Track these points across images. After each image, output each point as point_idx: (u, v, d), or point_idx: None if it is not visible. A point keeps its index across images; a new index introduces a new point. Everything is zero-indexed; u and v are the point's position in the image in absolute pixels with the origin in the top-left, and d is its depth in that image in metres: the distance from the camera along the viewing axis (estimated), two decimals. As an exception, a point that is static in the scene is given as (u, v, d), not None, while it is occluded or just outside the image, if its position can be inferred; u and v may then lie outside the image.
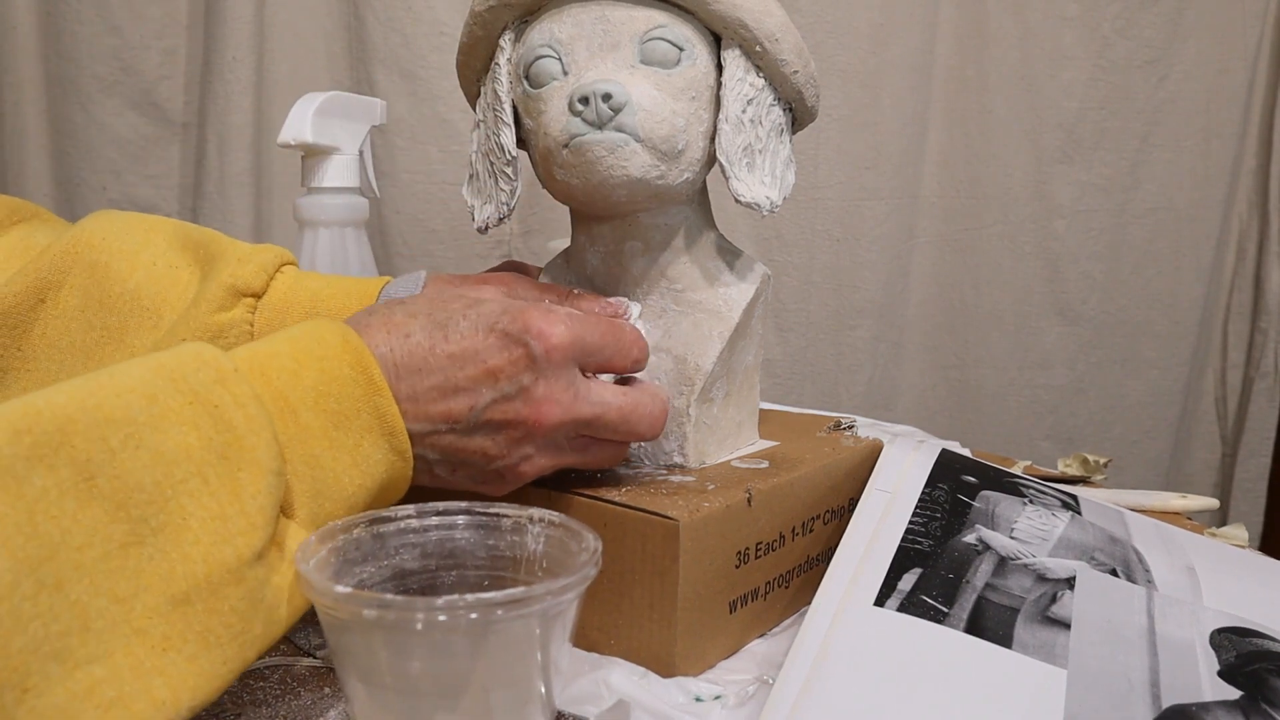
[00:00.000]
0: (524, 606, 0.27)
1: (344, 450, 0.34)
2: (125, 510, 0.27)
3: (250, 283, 0.47)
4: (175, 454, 0.29)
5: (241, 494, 0.30)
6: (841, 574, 0.41)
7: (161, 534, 0.28)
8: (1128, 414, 1.19)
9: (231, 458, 0.30)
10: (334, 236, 0.70)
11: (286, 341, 0.35)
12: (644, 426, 0.41)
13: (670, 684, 0.39)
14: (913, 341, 1.16)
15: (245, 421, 0.31)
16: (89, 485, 0.27)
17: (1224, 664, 0.39)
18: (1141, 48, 1.11)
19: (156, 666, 0.27)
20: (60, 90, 1.00)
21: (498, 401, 0.37)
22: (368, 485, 0.35)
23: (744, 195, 0.45)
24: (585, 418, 0.39)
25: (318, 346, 0.35)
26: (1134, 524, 0.51)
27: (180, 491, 0.29)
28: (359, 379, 0.35)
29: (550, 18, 0.45)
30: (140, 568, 0.27)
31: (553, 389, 0.38)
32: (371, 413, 0.35)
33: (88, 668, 0.26)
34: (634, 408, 0.41)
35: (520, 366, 0.38)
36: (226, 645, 0.29)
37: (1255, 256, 1.19)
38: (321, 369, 0.34)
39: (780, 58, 0.45)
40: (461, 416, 0.37)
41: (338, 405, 0.34)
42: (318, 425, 0.34)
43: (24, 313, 0.47)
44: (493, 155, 0.48)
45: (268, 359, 0.34)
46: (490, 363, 0.37)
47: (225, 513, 0.29)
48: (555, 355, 0.38)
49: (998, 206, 1.13)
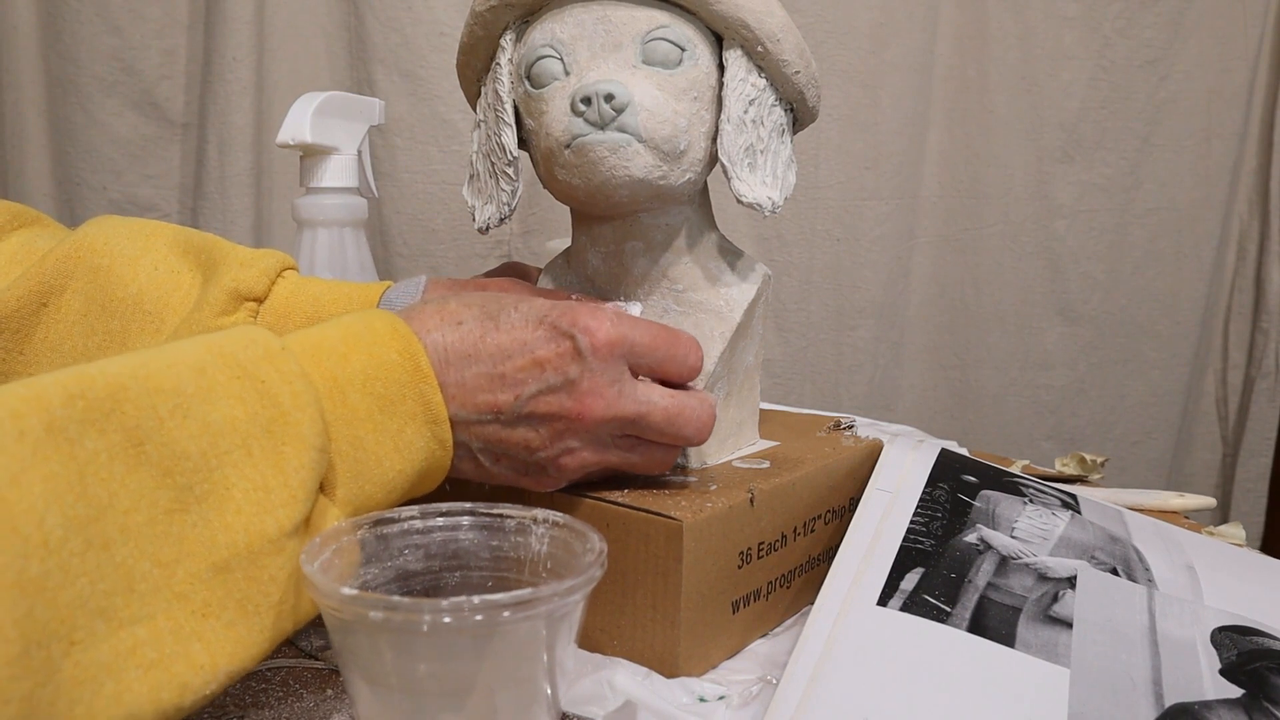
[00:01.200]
0: (530, 608, 0.27)
1: (387, 435, 0.35)
2: (171, 477, 0.28)
3: (252, 288, 0.47)
4: (221, 425, 0.29)
5: (285, 467, 0.30)
6: (844, 574, 0.41)
7: (205, 502, 0.28)
8: (1129, 414, 1.19)
9: (276, 432, 0.30)
10: (333, 236, 0.70)
11: (336, 327, 0.36)
12: (690, 430, 0.41)
13: (674, 684, 0.39)
14: (913, 342, 1.16)
15: (291, 398, 0.31)
16: (138, 451, 0.27)
17: (1225, 662, 0.39)
18: (1142, 47, 1.11)
19: (196, 631, 0.28)
20: (60, 90, 1.00)
21: (543, 393, 0.38)
22: (407, 471, 0.36)
23: (746, 195, 0.45)
24: (629, 415, 0.39)
25: (367, 332, 0.36)
26: (1133, 523, 0.51)
27: (225, 462, 0.29)
28: (406, 365, 0.36)
29: (552, 18, 0.45)
30: (184, 534, 0.28)
31: (598, 383, 0.38)
32: (417, 399, 0.36)
33: (131, 628, 0.26)
34: (680, 410, 0.41)
35: (567, 359, 0.38)
36: (264, 614, 0.29)
37: (1256, 256, 1.19)
38: (370, 354, 0.35)
39: (782, 58, 0.45)
40: (506, 407, 0.38)
41: (384, 389, 0.35)
42: (364, 408, 0.34)
43: (26, 317, 0.47)
44: (494, 155, 0.48)
45: (318, 341, 0.35)
46: (538, 354, 0.38)
47: (268, 484, 0.30)
48: (602, 350, 0.38)
49: (998, 206, 1.13)
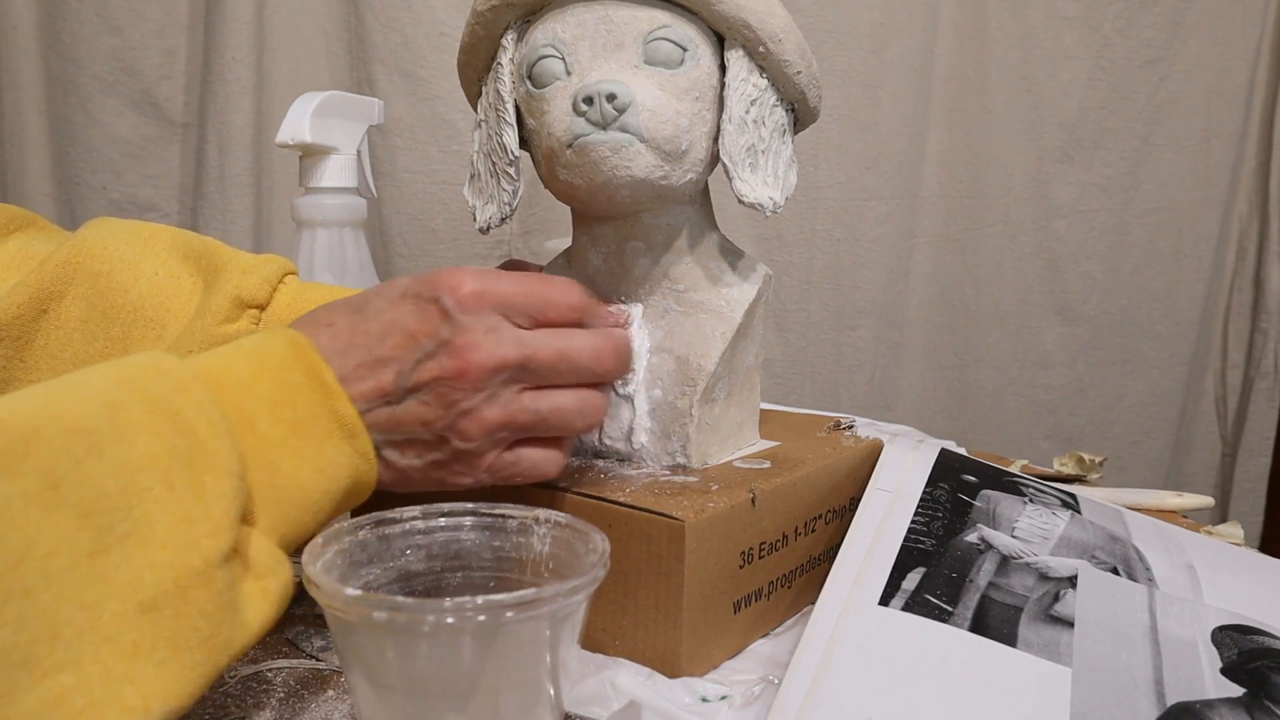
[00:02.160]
0: (534, 608, 0.27)
1: (305, 458, 0.34)
2: (90, 518, 0.27)
3: (254, 294, 0.47)
4: (139, 461, 0.29)
5: (206, 497, 0.30)
6: (845, 574, 0.41)
7: (127, 541, 0.28)
8: (1128, 414, 1.19)
9: (195, 463, 0.30)
10: (332, 237, 0.69)
11: (239, 355, 0.35)
12: (588, 359, 0.39)
13: (676, 684, 0.39)
14: (913, 341, 1.16)
15: (207, 427, 0.31)
16: (54, 494, 0.27)
17: (1226, 661, 0.39)
18: (1142, 47, 1.11)
19: (126, 673, 0.27)
20: (60, 90, 1.00)
21: (421, 361, 0.37)
22: (332, 491, 0.35)
23: (747, 196, 0.45)
24: (515, 359, 0.38)
25: (270, 357, 0.35)
26: (1133, 523, 0.51)
27: (145, 498, 0.28)
28: (314, 385, 0.35)
29: (553, 17, 0.45)
30: (107, 575, 0.27)
31: (472, 336, 0.37)
32: (330, 418, 0.35)
33: (57, 676, 0.26)
34: (569, 344, 0.39)
35: (436, 322, 0.37)
36: (196, 650, 0.29)
37: (1255, 256, 1.19)
38: (275, 379, 0.34)
39: (783, 58, 0.45)
40: (390, 386, 0.37)
41: (294, 413, 0.34)
42: (276, 434, 0.34)
43: (26, 324, 0.46)
44: (495, 155, 0.48)
45: (222, 372, 0.34)
46: (408, 327, 0.37)
47: (190, 516, 0.29)
48: (469, 304, 0.37)
49: (998, 206, 1.13)
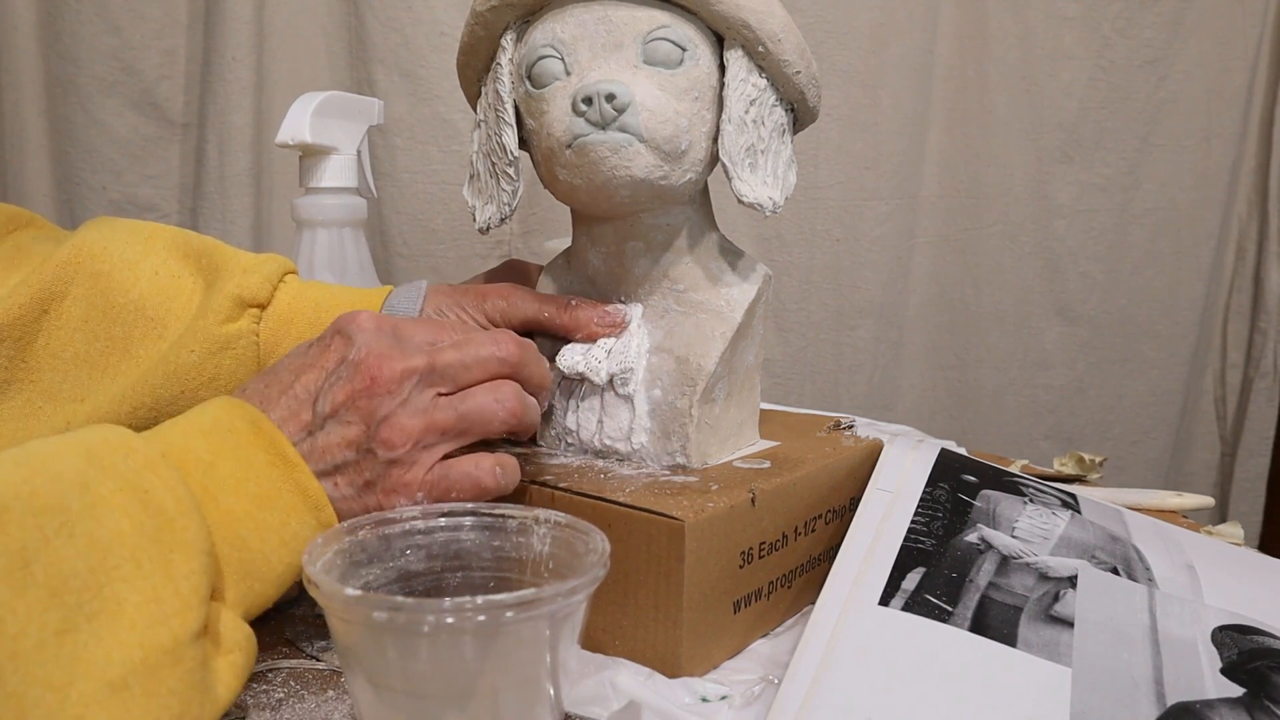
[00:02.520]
0: (534, 608, 0.27)
1: (271, 531, 0.35)
2: (59, 598, 0.27)
3: (256, 293, 0.47)
4: (109, 540, 0.29)
5: (174, 575, 0.30)
6: (845, 574, 0.41)
7: (96, 620, 0.28)
8: (1127, 414, 1.19)
9: (164, 541, 0.30)
10: (332, 237, 0.70)
11: (199, 435, 0.35)
12: (487, 348, 0.40)
13: (676, 684, 0.39)
14: (913, 341, 1.16)
15: (175, 504, 0.31)
16: (25, 573, 0.27)
17: (1226, 661, 0.39)
18: (1142, 47, 1.11)
19: None
20: (60, 90, 1.00)
21: (334, 384, 0.38)
22: (295, 564, 0.35)
23: (747, 196, 0.45)
24: (419, 365, 0.39)
25: (230, 436, 0.35)
26: (1133, 523, 0.51)
27: (114, 577, 0.28)
28: (276, 462, 0.36)
29: (552, 18, 0.45)
30: (76, 655, 0.27)
31: (375, 350, 0.39)
32: (294, 492, 0.36)
33: None
34: (468, 341, 0.40)
35: (339, 349, 0.39)
36: None
37: (1255, 256, 1.19)
38: (236, 457, 0.35)
39: (783, 58, 0.45)
40: (309, 418, 0.38)
41: (258, 489, 0.35)
42: (241, 509, 0.34)
43: (27, 324, 0.46)
44: (494, 155, 0.48)
45: (184, 451, 0.34)
46: (316, 362, 0.39)
47: (159, 595, 0.29)
48: (368, 327, 0.39)
49: (998, 206, 1.13)
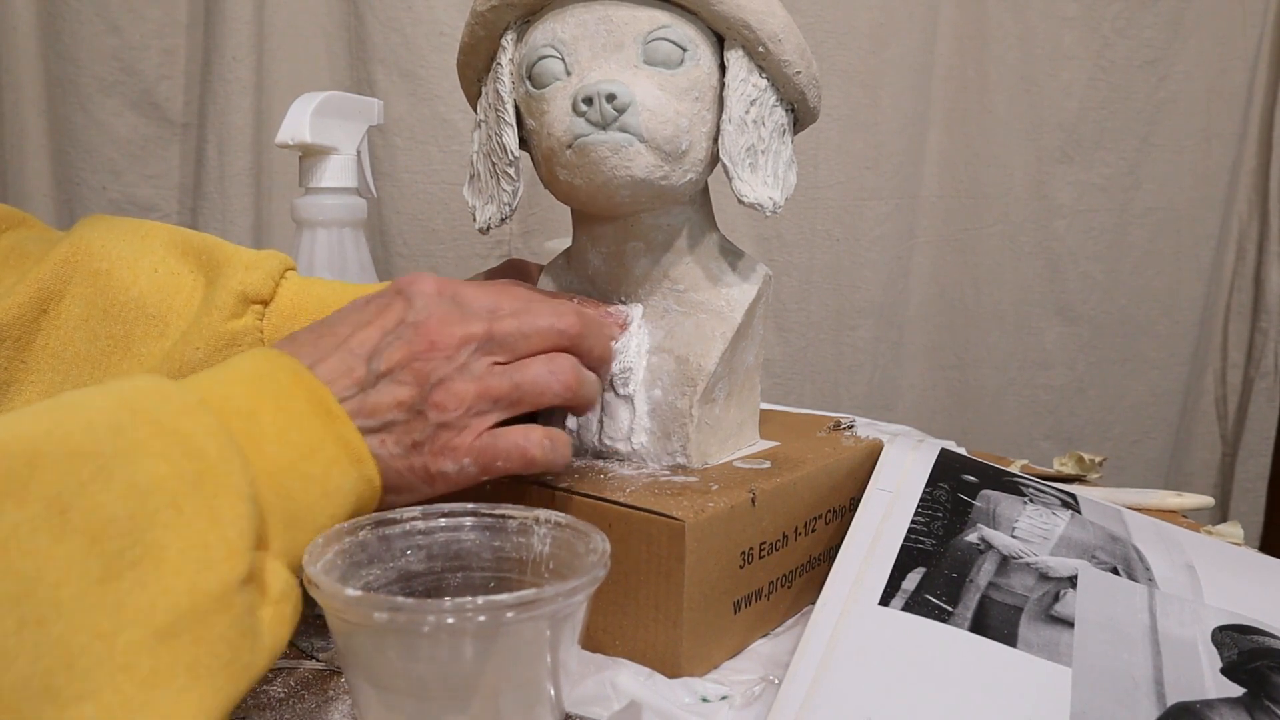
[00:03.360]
0: (534, 608, 0.27)
1: (314, 481, 0.34)
2: (100, 544, 0.27)
3: (259, 290, 0.47)
4: (148, 485, 0.28)
5: (220, 520, 0.29)
6: (845, 574, 0.41)
7: (139, 566, 0.27)
8: (1128, 414, 1.19)
9: (206, 486, 0.29)
10: (332, 237, 0.70)
11: (239, 382, 0.34)
12: (546, 321, 0.40)
13: (676, 684, 0.39)
14: (913, 341, 1.16)
15: (216, 450, 0.30)
16: (62, 520, 0.26)
17: (1226, 661, 0.39)
18: (1141, 47, 1.11)
19: (146, 702, 0.26)
20: (60, 90, 1.00)
21: (389, 345, 0.38)
22: (337, 515, 0.35)
23: (747, 196, 0.45)
24: (478, 332, 0.39)
25: (271, 384, 0.35)
26: (1133, 522, 0.51)
27: (155, 523, 0.28)
28: (318, 413, 0.35)
29: (553, 18, 0.45)
30: (120, 602, 0.26)
31: (435, 313, 0.38)
32: (336, 443, 0.35)
33: (79, 706, 0.25)
34: (528, 309, 0.40)
35: (399, 309, 0.39)
36: (217, 675, 0.28)
37: (1255, 256, 1.19)
38: (278, 406, 0.34)
39: (783, 58, 0.45)
40: (362, 374, 0.37)
41: (301, 438, 0.34)
42: (284, 459, 0.33)
43: (26, 324, 0.46)
44: (495, 155, 0.48)
45: (224, 400, 0.33)
46: (374, 320, 0.39)
47: (205, 540, 0.28)
48: (429, 290, 0.39)
49: (998, 206, 1.13)
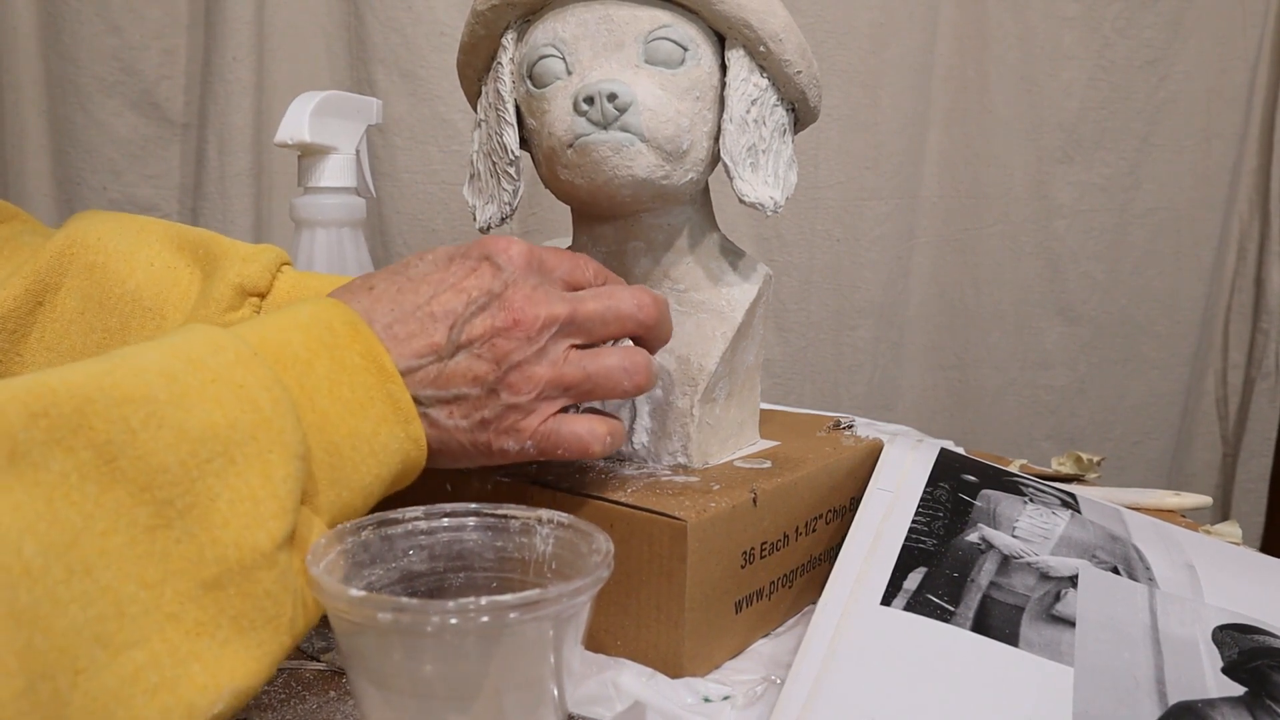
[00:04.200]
0: (538, 609, 0.27)
1: (362, 439, 0.34)
2: (149, 492, 0.26)
3: (256, 282, 0.47)
4: (200, 433, 0.28)
5: (272, 475, 0.29)
6: (847, 574, 0.41)
7: (188, 516, 0.27)
8: (1128, 414, 1.19)
9: (260, 438, 0.29)
10: (331, 237, 0.69)
11: (296, 329, 0.34)
12: (628, 307, 0.40)
13: (679, 684, 0.39)
14: (913, 342, 1.16)
15: (271, 403, 0.30)
16: (110, 468, 0.26)
17: (1227, 660, 0.39)
18: (1142, 47, 1.11)
19: (192, 651, 0.27)
20: (60, 90, 1.00)
21: (474, 315, 0.37)
22: (383, 475, 0.35)
23: (748, 195, 0.45)
24: (563, 314, 0.38)
25: (328, 335, 0.34)
26: (1132, 522, 0.51)
27: (207, 471, 0.28)
28: (371, 368, 0.35)
29: (554, 17, 0.45)
30: (168, 551, 0.27)
31: (523, 289, 0.38)
32: (386, 401, 0.35)
33: (129, 652, 0.25)
34: (610, 294, 0.40)
35: (487, 277, 0.38)
36: (261, 629, 0.28)
37: (1256, 257, 1.19)
38: (333, 358, 0.34)
39: (784, 58, 0.45)
40: (442, 341, 0.36)
41: (351, 394, 0.34)
42: (335, 413, 0.33)
43: (22, 317, 0.46)
44: (495, 155, 0.48)
45: (279, 346, 0.33)
46: (460, 284, 0.38)
47: (255, 494, 0.28)
48: (518, 261, 0.38)
49: (998, 206, 1.13)
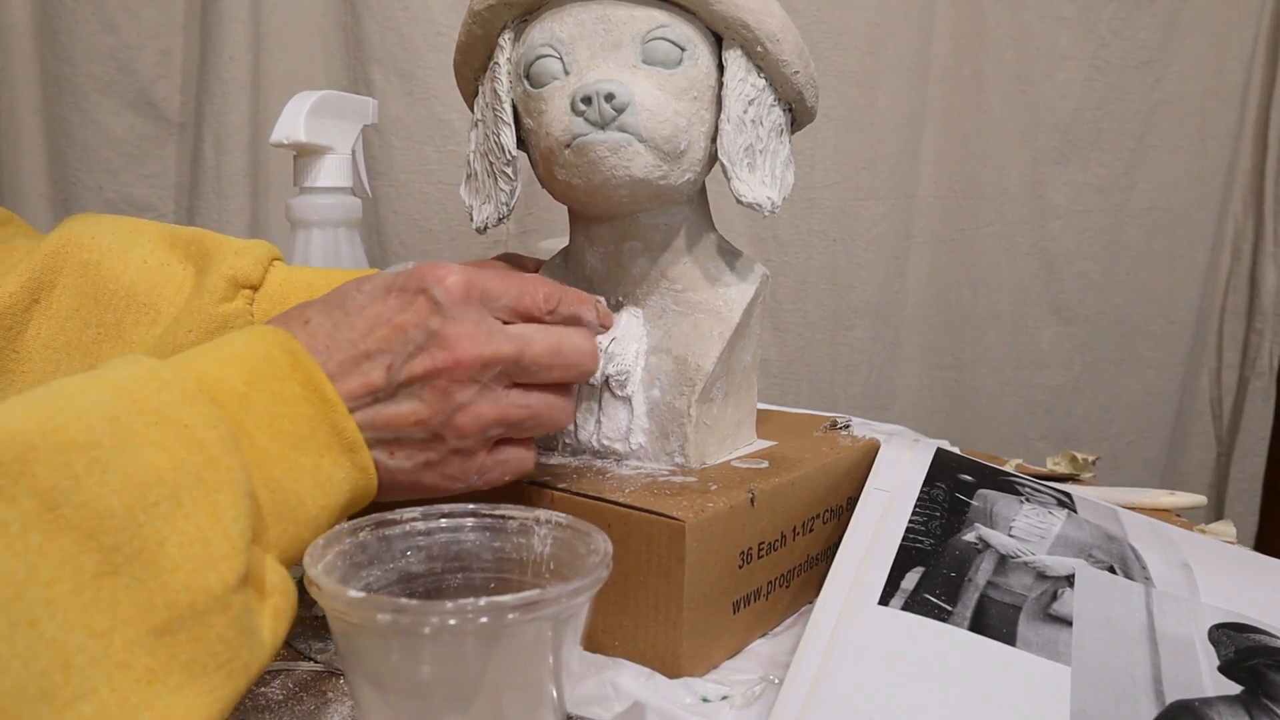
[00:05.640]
0: (537, 609, 0.27)
1: (304, 472, 0.33)
2: (96, 539, 0.26)
3: (249, 275, 0.48)
4: (145, 476, 0.27)
5: (222, 516, 0.28)
6: (845, 574, 0.41)
7: (136, 561, 0.26)
8: (1124, 414, 1.19)
9: (208, 479, 0.28)
10: (327, 237, 0.69)
11: (233, 361, 0.33)
12: (576, 356, 0.40)
13: (677, 685, 0.39)
14: (909, 341, 1.16)
15: (218, 441, 0.29)
16: (54, 515, 0.25)
17: (1223, 659, 0.39)
18: (1137, 48, 1.11)
19: (143, 700, 0.26)
20: (56, 90, 1.00)
21: (412, 355, 0.36)
22: (330, 506, 0.34)
23: (745, 195, 0.45)
24: (508, 353, 0.37)
25: (266, 365, 0.33)
26: (1128, 521, 0.52)
27: (154, 515, 0.27)
28: (312, 398, 0.34)
29: (551, 17, 0.45)
30: (116, 598, 0.26)
31: (463, 328, 0.36)
32: (329, 431, 0.34)
33: (76, 705, 0.25)
34: (560, 338, 0.39)
35: (425, 313, 0.36)
36: (213, 675, 0.27)
37: (1250, 257, 1.19)
38: (271, 390, 0.33)
39: (781, 58, 0.45)
40: (380, 381, 0.35)
41: (293, 426, 0.33)
42: (275, 449, 0.32)
43: (18, 314, 0.47)
44: (492, 155, 0.48)
45: (217, 380, 0.32)
46: (396, 320, 0.36)
47: (205, 537, 0.28)
48: (456, 295, 0.37)
49: (994, 207, 1.13)
